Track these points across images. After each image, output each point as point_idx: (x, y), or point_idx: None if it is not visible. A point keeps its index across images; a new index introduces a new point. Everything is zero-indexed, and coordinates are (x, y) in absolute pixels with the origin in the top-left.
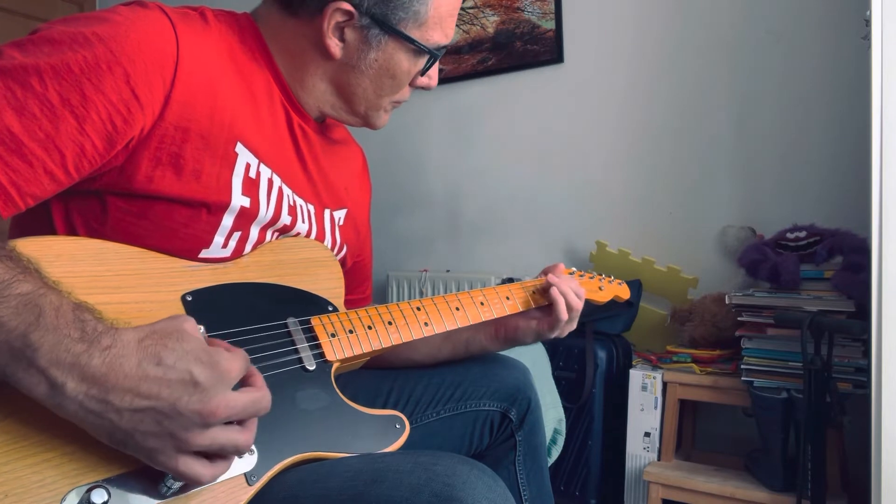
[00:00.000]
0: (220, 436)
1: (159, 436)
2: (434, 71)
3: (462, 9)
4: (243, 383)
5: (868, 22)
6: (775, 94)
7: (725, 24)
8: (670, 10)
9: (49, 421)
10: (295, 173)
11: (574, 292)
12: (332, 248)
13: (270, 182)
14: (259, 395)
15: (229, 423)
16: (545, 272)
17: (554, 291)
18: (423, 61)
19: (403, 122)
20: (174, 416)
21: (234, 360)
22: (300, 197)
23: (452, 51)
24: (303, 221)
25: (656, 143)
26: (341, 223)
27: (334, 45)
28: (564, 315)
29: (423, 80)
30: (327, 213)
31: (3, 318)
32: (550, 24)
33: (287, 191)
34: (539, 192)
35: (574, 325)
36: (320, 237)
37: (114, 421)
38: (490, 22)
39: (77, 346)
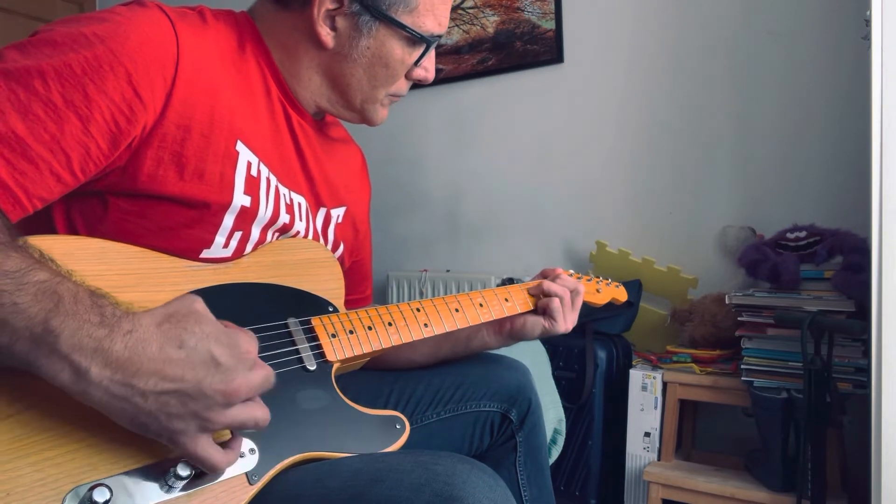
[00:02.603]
0: (241, 413)
1: (183, 417)
2: (430, 62)
3: (462, 9)
4: None
5: (868, 22)
6: (775, 94)
7: (725, 24)
8: (670, 11)
9: (51, 420)
10: (293, 171)
11: (568, 289)
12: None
13: (268, 181)
14: (269, 372)
15: (245, 400)
16: (543, 275)
17: (548, 286)
18: (417, 51)
19: (403, 122)
20: (199, 397)
21: (251, 341)
22: (297, 194)
23: (452, 51)
24: (300, 220)
25: (656, 143)
26: (339, 221)
27: (325, 34)
28: (559, 307)
29: (419, 72)
30: (322, 211)
31: (22, 305)
32: (550, 24)
33: (283, 189)
34: (539, 193)
35: (576, 317)
36: (314, 236)
37: (139, 404)
38: (490, 22)
39: (98, 330)
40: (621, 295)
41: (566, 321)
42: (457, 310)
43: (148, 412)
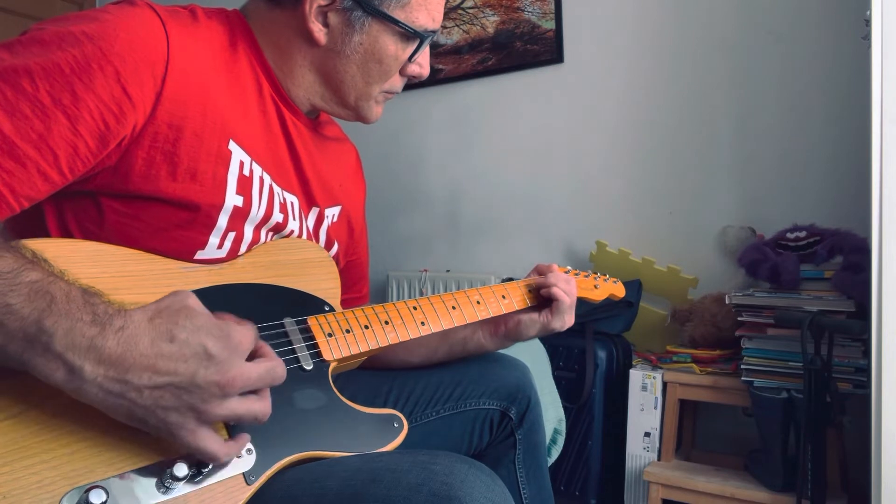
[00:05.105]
0: (239, 406)
1: (179, 410)
2: (424, 58)
3: (462, 9)
4: (254, 355)
5: (868, 22)
6: (775, 94)
7: (725, 24)
8: (670, 11)
9: (48, 422)
10: (286, 170)
11: (564, 281)
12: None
13: (262, 180)
14: (273, 364)
15: (245, 394)
16: (538, 271)
17: (555, 290)
18: (411, 46)
19: (403, 122)
20: (193, 390)
21: (245, 332)
22: (290, 193)
23: (452, 51)
24: (293, 219)
25: (656, 143)
26: (334, 220)
27: (318, 30)
28: (566, 299)
29: (413, 68)
30: (315, 210)
31: (16, 306)
32: (550, 24)
33: (276, 188)
34: (539, 192)
35: (572, 317)
36: (307, 235)
37: (134, 399)
38: (490, 22)
39: (90, 329)
40: (619, 291)
41: (570, 317)
42: (454, 307)
43: (144, 407)
